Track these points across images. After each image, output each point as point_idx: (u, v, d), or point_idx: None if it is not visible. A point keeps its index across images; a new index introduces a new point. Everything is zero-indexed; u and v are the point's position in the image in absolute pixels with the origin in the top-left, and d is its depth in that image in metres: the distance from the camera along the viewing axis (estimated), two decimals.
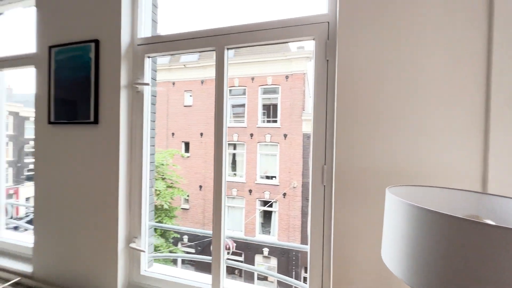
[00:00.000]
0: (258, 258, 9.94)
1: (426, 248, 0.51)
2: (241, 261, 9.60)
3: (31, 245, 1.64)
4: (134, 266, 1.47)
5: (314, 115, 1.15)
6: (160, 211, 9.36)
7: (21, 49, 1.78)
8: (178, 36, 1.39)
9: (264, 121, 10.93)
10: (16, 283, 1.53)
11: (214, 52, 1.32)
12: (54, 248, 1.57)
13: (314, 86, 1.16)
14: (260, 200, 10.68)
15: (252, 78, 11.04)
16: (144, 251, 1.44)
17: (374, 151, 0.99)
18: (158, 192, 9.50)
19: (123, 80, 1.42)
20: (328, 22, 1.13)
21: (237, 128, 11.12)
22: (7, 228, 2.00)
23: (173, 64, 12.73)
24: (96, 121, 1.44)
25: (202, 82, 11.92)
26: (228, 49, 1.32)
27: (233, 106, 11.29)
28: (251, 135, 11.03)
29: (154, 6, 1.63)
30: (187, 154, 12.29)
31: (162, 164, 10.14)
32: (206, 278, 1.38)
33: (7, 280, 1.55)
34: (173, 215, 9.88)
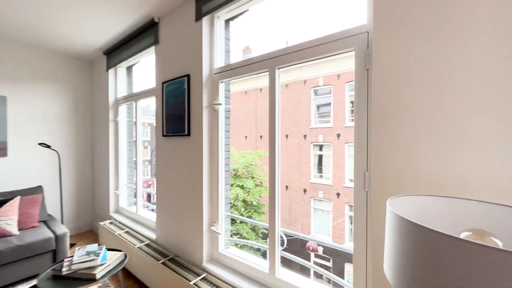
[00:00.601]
0: (348, 266, 9.34)
1: (406, 257, 0.56)
2: (329, 267, 9.31)
3: (155, 220, 2.38)
4: (214, 245, 1.90)
5: (355, 122, 1.20)
6: (250, 207, 10.39)
7: (148, 85, 2.61)
8: (241, 63, 1.72)
9: (352, 120, 10.25)
10: (147, 244, 2.28)
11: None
12: (167, 224, 2.22)
13: (355, 95, 1.20)
14: (350, 205, 10.03)
15: (338, 76, 10.53)
16: (220, 234, 1.85)
17: (410, 158, 0.97)
18: (248, 190, 10.59)
19: (205, 102, 1.88)
20: (368, 32, 1.16)
21: (323, 129, 10.90)
22: (144, 208, 2.93)
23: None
24: (189, 134, 1.97)
25: (286, 86, 12.37)
26: (279, 68, 1.53)
27: (318, 106, 11.13)
28: (338, 135, 10.54)
29: (227, 39, 2.04)
30: None
31: (251, 165, 11.20)
32: (265, 263, 1.63)
33: (142, 241, 2.33)
34: (261, 212, 10.75)
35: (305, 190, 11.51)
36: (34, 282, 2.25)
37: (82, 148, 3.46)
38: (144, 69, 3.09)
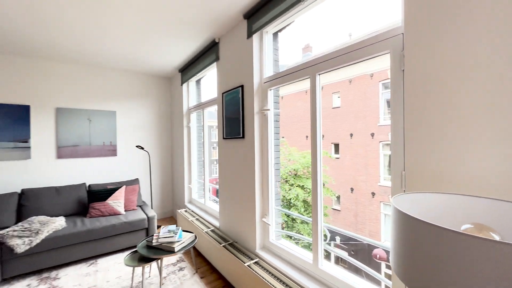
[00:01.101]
0: None
1: (409, 251, 0.63)
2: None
3: (218, 210, 2.79)
4: (265, 234, 2.14)
5: (392, 123, 1.23)
6: (309, 207, 10.29)
7: (212, 95, 3.06)
8: (285, 72, 1.90)
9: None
10: (212, 230, 2.71)
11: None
12: (227, 214, 2.59)
13: (391, 96, 1.23)
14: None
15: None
16: (270, 225, 2.08)
17: (443, 158, 0.96)
18: (308, 190, 10.50)
19: (256, 108, 2.14)
20: (403, 34, 1.18)
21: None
22: (211, 200, 3.43)
23: None
24: (243, 136, 2.27)
25: (350, 81, 11.70)
26: (319, 74, 1.64)
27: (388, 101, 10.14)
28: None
29: (275, 49, 2.25)
30: (336, 156, 12.47)
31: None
32: (309, 255, 1.77)
33: (209, 228, 2.78)
34: (324, 214, 10.49)
35: (373, 194, 10.63)
36: (133, 250, 2.98)
37: (164, 149, 4.27)
38: (209, 81, 3.61)
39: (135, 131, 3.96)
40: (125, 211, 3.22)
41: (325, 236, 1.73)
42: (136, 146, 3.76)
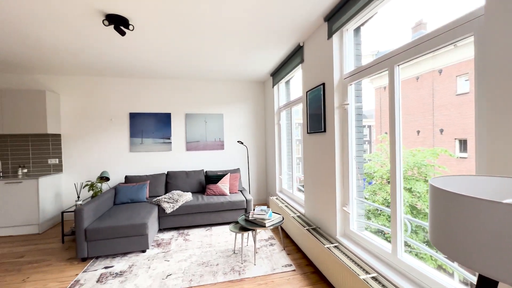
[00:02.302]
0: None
1: (447, 224, 0.75)
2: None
3: (303, 199, 3.08)
4: (345, 222, 2.26)
5: (475, 112, 1.15)
6: (420, 214, 8.75)
7: (298, 94, 3.36)
8: (366, 65, 1.96)
9: None
10: (298, 216, 3.03)
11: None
12: (311, 203, 2.83)
13: (475, 81, 1.16)
14: None
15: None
16: (349, 213, 2.18)
17: None
18: (418, 195, 8.95)
19: (336, 103, 2.28)
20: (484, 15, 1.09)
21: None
22: (298, 190, 3.75)
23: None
24: (324, 130, 2.45)
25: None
26: (398, 65, 1.64)
27: None
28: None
29: (357, 44, 2.30)
30: (462, 155, 10.00)
31: (424, 165, 9.32)
32: (389, 246, 1.78)
33: (295, 213, 3.11)
34: None
35: None
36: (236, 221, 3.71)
37: (259, 144, 4.93)
38: (297, 81, 3.92)
39: (237, 129, 4.80)
40: (229, 193, 4.02)
41: (406, 227, 1.69)
42: (238, 142, 4.56)
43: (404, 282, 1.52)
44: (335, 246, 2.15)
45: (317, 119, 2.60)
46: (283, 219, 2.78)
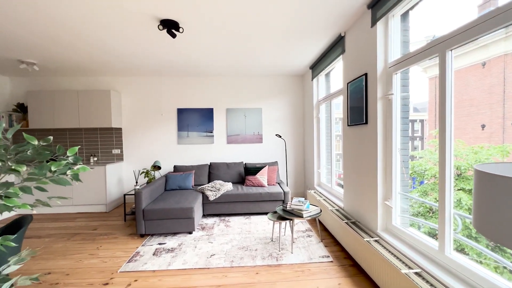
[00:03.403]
0: None
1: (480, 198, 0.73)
2: None
3: (343, 193, 3.03)
4: (387, 217, 2.18)
5: None
6: None
7: (338, 87, 3.28)
8: (414, 52, 1.85)
9: None
10: (337, 209, 3.00)
11: None
12: (350, 197, 2.78)
13: None
14: None
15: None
16: (392, 207, 2.10)
17: None
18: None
19: (379, 93, 2.20)
20: None
21: None
22: (336, 185, 3.68)
23: None
24: (366, 122, 2.38)
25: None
26: (451, 50, 1.52)
27: None
28: None
29: (405, 30, 2.16)
30: None
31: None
32: (436, 243, 1.68)
33: (334, 207, 3.08)
34: None
35: None
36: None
37: (297, 137, 4.94)
38: (337, 73, 3.81)
39: (275, 123, 4.88)
40: (267, 185, 4.15)
41: (456, 225, 1.59)
42: (276, 135, 4.64)
43: (452, 280, 1.44)
44: (376, 240, 2.10)
45: (358, 111, 2.53)
46: (320, 211, 2.80)
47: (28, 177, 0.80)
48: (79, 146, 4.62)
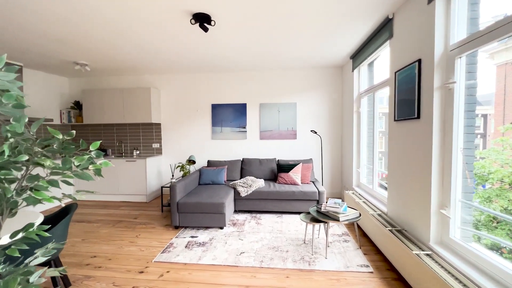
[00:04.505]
0: None
1: None
2: None
3: (386, 197, 2.70)
4: (444, 228, 1.85)
5: None
6: None
7: (383, 77, 2.92)
8: (486, 30, 1.49)
9: None
10: (379, 214, 2.69)
11: None
12: (396, 201, 2.46)
13: None
14: None
15: None
16: (450, 217, 1.77)
17: None
18: None
19: (436, 82, 1.85)
20: None
21: None
22: (379, 186, 3.33)
23: None
24: (418, 116, 2.05)
25: None
26: None
27: None
28: None
29: (473, 4, 1.77)
30: None
31: None
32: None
33: (375, 211, 2.77)
34: None
35: None
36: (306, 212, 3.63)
37: (335, 133, 4.61)
38: (382, 63, 3.41)
39: (310, 118, 4.63)
40: (301, 183, 3.96)
41: None
42: (311, 131, 4.40)
43: None
44: (428, 255, 1.80)
45: (408, 103, 2.20)
46: (360, 215, 2.54)
47: (53, 171, 0.80)
48: (122, 141, 4.99)
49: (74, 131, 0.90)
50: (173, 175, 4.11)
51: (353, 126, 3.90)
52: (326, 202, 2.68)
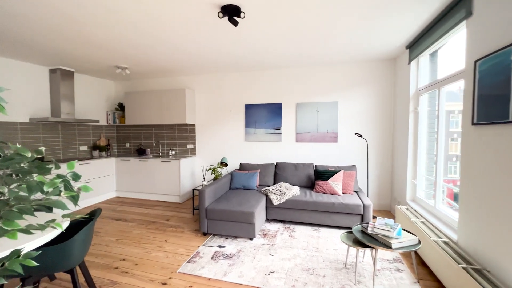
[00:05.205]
0: None
1: None
2: None
3: (456, 219, 2.12)
4: None
5: None
6: None
7: (451, 70, 2.31)
8: None
9: None
10: (445, 242, 2.13)
11: None
12: (473, 228, 1.89)
13: None
14: None
15: None
16: None
17: None
18: None
19: None
20: None
21: None
22: (444, 204, 2.70)
23: None
24: None
25: None
26: None
27: None
28: None
29: None
30: None
31: None
32: None
33: (439, 237, 2.21)
34: None
35: None
36: (348, 230, 3.16)
37: (384, 137, 3.99)
38: (450, 51, 2.74)
39: (354, 119, 4.09)
40: (342, 193, 3.49)
41: None
42: (355, 134, 3.87)
43: None
44: None
45: (496, 102, 1.63)
46: (419, 242, 2.02)
47: (12, 202, 0.61)
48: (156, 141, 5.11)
49: (43, 148, 0.72)
50: (204, 178, 4.01)
51: (409, 129, 3.28)
52: (374, 221, 2.22)
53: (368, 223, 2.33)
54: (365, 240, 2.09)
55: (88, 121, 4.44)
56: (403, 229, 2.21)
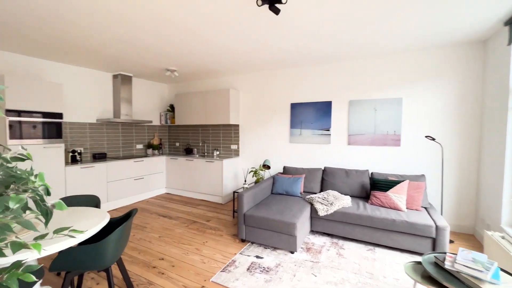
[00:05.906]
0: None
1: None
2: None
3: None
4: None
5: None
6: None
7: None
8: None
9: None
10: None
11: None
12: None
13: None
14: None
15: None
16: None
17: None
18: None
19: None
20: None
21: None
22: None
23: None
24: None
25: None
26: None
27: None
28: None
29: None
30: None
31: None
32: None
33: None
34: None
35: None
36: (416, 257, 2.55)
37: (467, 141, 3.16)
38: None
39: (423, 119, 3.36)
40: (406, 208, 2.87)
41: None
42: (426, 137, 3.16)
43: None
44: None
45: None
46: None
47: None
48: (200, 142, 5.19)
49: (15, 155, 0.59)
50: (245, 180, 3.86)
51: (507, 132, 2.48)
52: (455, 255, 1.67)
53: (445, 253, 1.78)
54: (441, 278, 1.57)
55: (143, 122, 4.79)
56: (501, 269, 1.61)
